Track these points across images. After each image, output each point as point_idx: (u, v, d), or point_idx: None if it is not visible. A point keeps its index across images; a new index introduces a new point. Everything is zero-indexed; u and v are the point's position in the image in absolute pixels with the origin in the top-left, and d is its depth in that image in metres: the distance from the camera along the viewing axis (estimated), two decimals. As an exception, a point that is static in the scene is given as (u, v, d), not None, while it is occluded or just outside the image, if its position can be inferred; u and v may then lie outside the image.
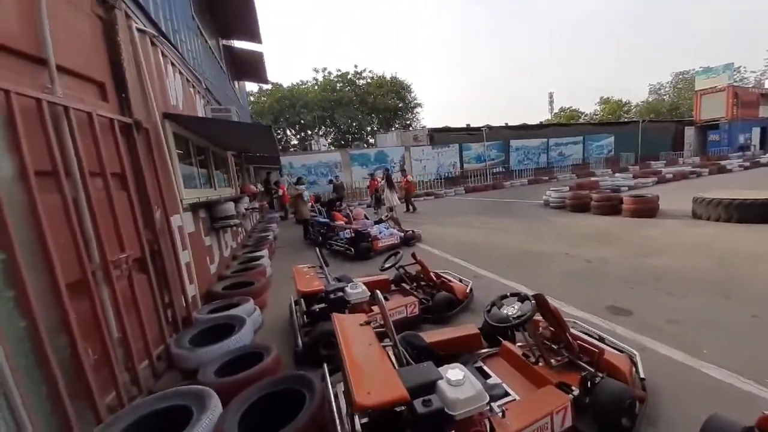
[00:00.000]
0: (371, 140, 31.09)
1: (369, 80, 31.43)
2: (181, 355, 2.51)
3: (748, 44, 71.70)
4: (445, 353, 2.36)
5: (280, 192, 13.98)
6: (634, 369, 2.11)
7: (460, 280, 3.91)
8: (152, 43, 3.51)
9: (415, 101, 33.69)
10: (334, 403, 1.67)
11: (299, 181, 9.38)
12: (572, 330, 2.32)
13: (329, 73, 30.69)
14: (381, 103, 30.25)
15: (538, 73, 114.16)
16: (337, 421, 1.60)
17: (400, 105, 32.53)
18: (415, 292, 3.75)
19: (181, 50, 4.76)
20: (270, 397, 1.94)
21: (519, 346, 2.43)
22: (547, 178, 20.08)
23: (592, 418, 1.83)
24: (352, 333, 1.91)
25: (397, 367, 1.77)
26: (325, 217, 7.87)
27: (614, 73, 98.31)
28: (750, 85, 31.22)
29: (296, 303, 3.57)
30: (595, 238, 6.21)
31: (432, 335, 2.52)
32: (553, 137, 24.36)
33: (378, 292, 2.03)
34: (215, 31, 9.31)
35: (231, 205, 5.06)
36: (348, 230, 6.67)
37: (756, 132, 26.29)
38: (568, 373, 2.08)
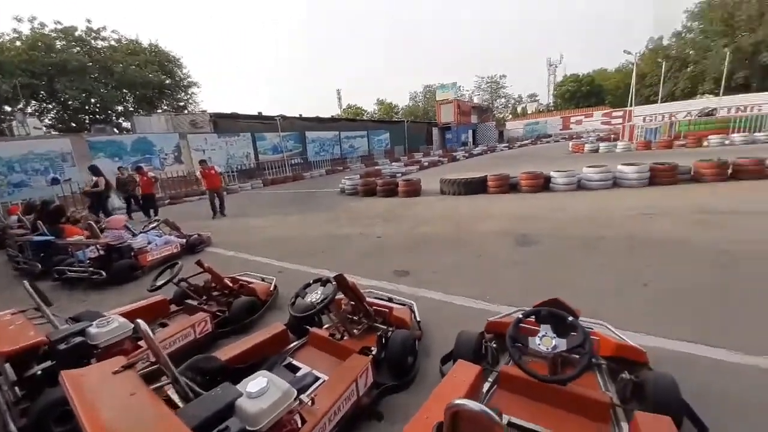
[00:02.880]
0: (125, 123, 24.37)
1: (114, 43, 24.13)
2: None
3: (466, 68, 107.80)
4: (250, 363, 2.19)
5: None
6: (413, 316, 2.68)
7: (263, 279, 3.73)
8: None
9: (189, 79, 28.98)
10: None
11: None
12: (368, 298, 2.69)
13: (42, 25, 21.23)
14: (137, 76, 23.94)
15: (327, 69, 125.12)
16: None
17: (167, 81, 26.98)
18: (206, 306, 3.25)
19: None
20: None
21: (326, 328, 2.58)
22: (342, 168, 22.45)
23: (388, 367, 2.20)
24: (99, 390, 1.42)
25: (181, 406, 1.47)
26: (46, 233, 5.50)
27: (387, 77, 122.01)
28: (466, 99, 46.57)
29: (-3, 373, 2.31)
30: (382, 217, 7.50)
31: (231, 349, 2.27)
32: (344, 131, 27.43)
33: (140, 321, 1.60)
34: None
35: None
36: (92, 247, 4.96)
37: (470, 133, 39.73)
38: (368, 337, 2.40)
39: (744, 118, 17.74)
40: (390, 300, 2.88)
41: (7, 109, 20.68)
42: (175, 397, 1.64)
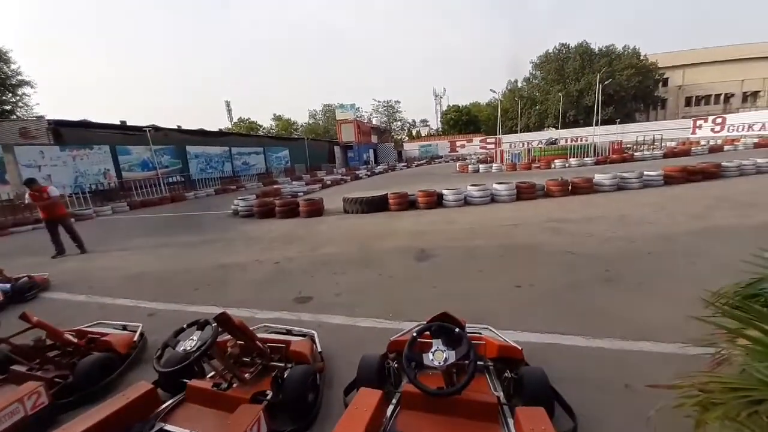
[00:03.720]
0: None
1: None
2: None
3: (362, 92, 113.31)
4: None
5: None
6: (314, 346, 2.55)
7: (125, 328, 3.08)
8: None
9: (20, 77, 23.11)
10: None
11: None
12: (261, 334, 2.45)
13: None
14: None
15: (213, 80, 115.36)
16: None
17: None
18: (39, 373, 2.50)
19: None
20: None
21: (210, 378, 2.24)
22: (234, 187, 20.71)
23: (286, 410, 2.01)
24: None
25: None
26: None
27: (283, 93, 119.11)
28: (365, 121, 48.85)
29: None
30: (281, 240, 7.11)
31: (76, 425, 1.76)
32: (235, 146, 25.47)
33: None
34: None
35: None
36: None
37: (372, 152, 41.69)
38: (264, 379, 2.17)
39: (577, 146, 23.11)
40: (288, 332, 2.69)
41: None
42: None
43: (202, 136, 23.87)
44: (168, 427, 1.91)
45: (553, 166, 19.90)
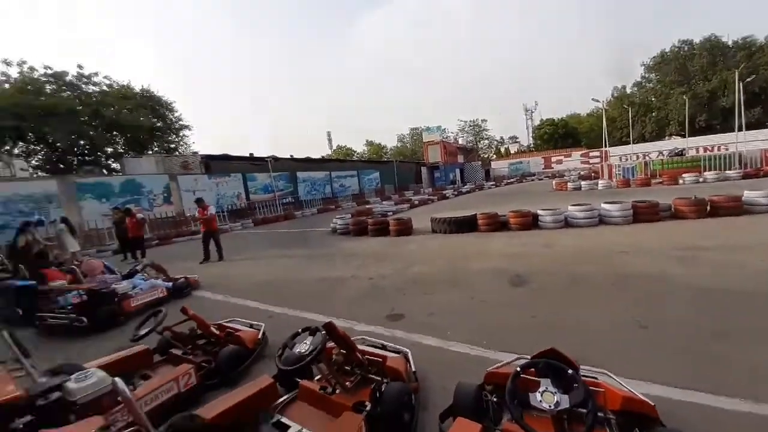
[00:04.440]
0: (115, 165, 24.41)
1: (105, 88, 24.75)
2: None
3: (449, 112, 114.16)
4: (236, 421, 2.04)
5: None
6: (408, 365, 2.58)
7: (251, 326, 3.58)
8: None
9: (181, 122, 29.58)
10: None
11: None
12: (360, 346, 2.59)
13: (31, 69, 21.80)
14: (127, 119, 24.24)
15: (316, 112, 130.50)
16: None
17: (158, 124, 27.46)
18: (191, 357, 3.08)
19: None
20: None
21: (317, 380, 2.45)
22: (333, 206, 22.60)
23: (383, 425, 2.06)
24: None
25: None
26: (25, 278, 5.26)
27: (375, 118, 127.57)
28: (451, 141, 48.74)
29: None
30: (374, 257, 7.45)
31: (215, 406, 2.11)
32: (334, 171, 28.03)
33: (116, 380, 1.51)
34: None
35: None
36: (75, 292, 4.74)
37: (458, 172, 41.18)
38: (361, 390, 2.28)
39: (714, 156, 18.89)
40: (384, 347, 2.78)
41: (-5, 149, 20.59)
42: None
43: (308, 162, 27.01)
44: (284, 419, 2.14)
45: (681, 181, 16.61)
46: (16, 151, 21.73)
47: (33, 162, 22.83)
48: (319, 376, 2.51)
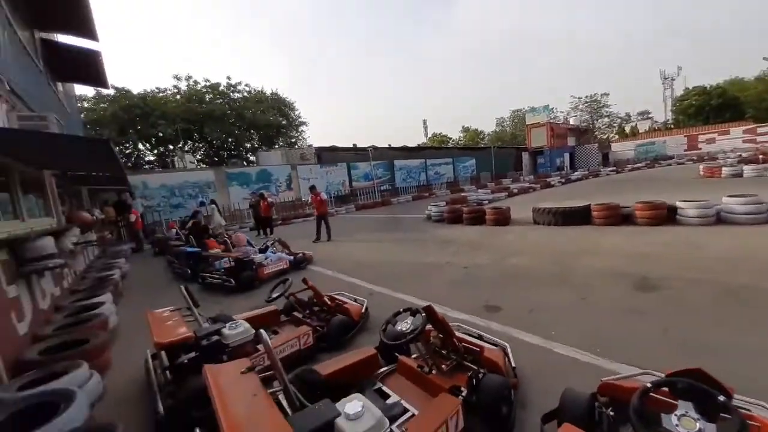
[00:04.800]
0: (252, 158, 29.10)
1: (246, 94, 29.57)
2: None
3: (561, 89, 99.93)
4: (344, 382, 2.29)
5: (132, 218, 11.53)
6: (507, 360, 2.46)
7: (355, 300, 3.92)
8: None
9: (300, 119, 33.42)
10: None
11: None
12: (457, 333, 2.58)
13: (195, 82, 27.47)
14: (261, 119, 28.72)
15: (414, 102, 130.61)
16: None
17: (283, 122, 31.63)
18: (308, 320, 3.55)
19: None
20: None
21: (414, 358, 2.55)
22: (427, 194, 22.64)
23: (479, 414, 2.04)
24: (230, 386, 1.65)
25: (290, 414, 1.61)
26: (193, 246, 6.81)
27: (471, 105, 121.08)
28: (560, 122, 42.99)
29: (154, 357, 2.90)
30: (469, 245, 7.24)
31: (329, 365, 2.41)
32: (429, 158, 27.88)
33: (262, 331, 1.84)
34: (30, 21, 7.19)
35: (49, 240, 3.84)
36: (226, 259, 5.93)
37: (566, 156, 36.16)
38: (457, 375, 2.29)
39: None
40: (480, 338, 2.71)
41: (171, 147, 26.87)
42: (284, 403, 1.81)
43: (405, 151, 27.50)
44: (384, 388, 2.31)
45: None
46: (186, 148, 27.88)
47: (197, 156, 28.94)
48: (416, 355, 2.61)
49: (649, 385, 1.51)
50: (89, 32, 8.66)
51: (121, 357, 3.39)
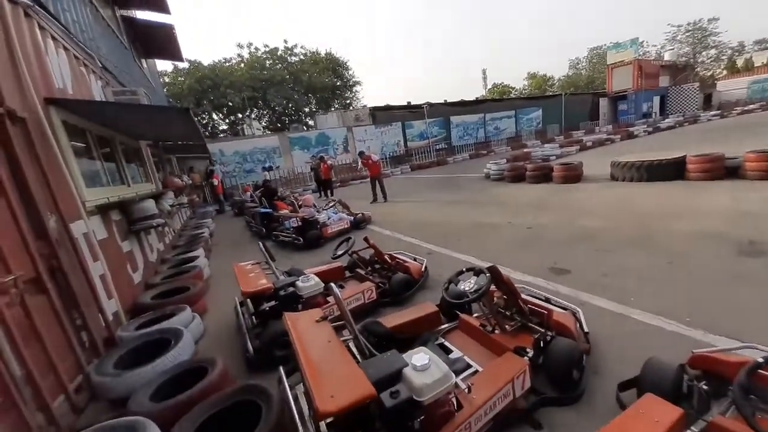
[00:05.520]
0: (310, 122, 29.81)
1: (302, 57, 29.56)
2: (105, 382, 2.17)
3: (650, 17, 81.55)
4: (407, 335, 2.38)
5: (214, 182, 12.85)
6: (578, 324, 2.31)
7: (415, 259, 3.96)
8: (26, 15, 2.85)
9: (354, 79, 32.74)
10: (294, 408, 1.56)
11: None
12: (523, 295, 2.47)
13: (256, 48, 28.17)
14: (317, 82, 28.75)
15: (472, 50, 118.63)
16: (300, 426, 1.50)
17: (338, 83, 31.31)
18: (370, 277, 3.71)
19: (65, 20, 3.90)
20: (220, 415, 1.76)
21: (476, 317, 2.54)
22: (486, 151, 21.27)
23: (547, 375, 1.98)
24: (307, 332, 1.80)
25: (360, 361, 1.72)
26: (266, 207, 7.40)
27: (538, 48, 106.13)
28: (652, 58, 35.88)
29: (242, 304, 3.31)
30: (532, 205, 6.74)
31: (392, 319, 2.51)
32: (488, 112, 25.72)
33: (333, 285, 1.94)
34: None
35: (151, 202, 4.46)
36: (294, 219, 6.35)
37: (656, 100, 30.48)
38: (522, 336, 2.22)
39: None
40: (547, 301, 2.57)
41: (240, 116, 28.59)
42: (354, 351, 1.94)
43: (462, 106, 25.61)
44: (446, 343, 2.35)
45: None
46: (252, 115, 29.48)
47: (263, 123, 30.53)
48: (477, 314, 2.59)
49: (761, 360, 1.29)
50: (161, 6, 9.23)
51: (214, 303, 3.93)
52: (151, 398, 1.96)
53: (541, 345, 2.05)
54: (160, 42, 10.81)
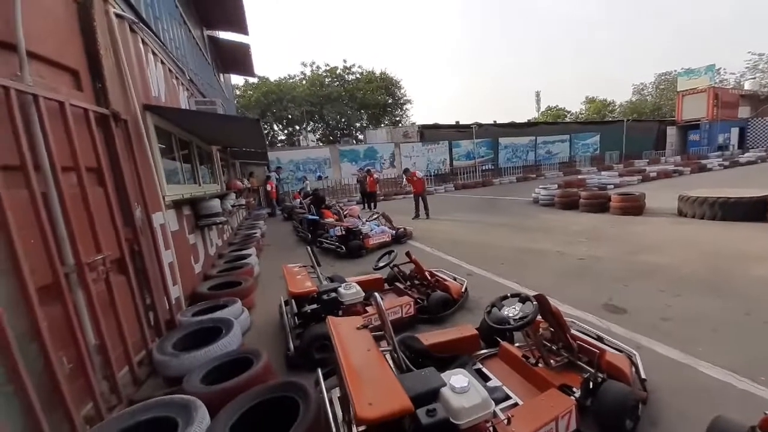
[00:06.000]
0: (360, 136, 30.86)
1: (358, 75, 31.05)
2: (164, 361, 2.38)
3: (728, 46, 73.96)
4: (443, 355, 2.32)
5: (269, 188, 13.74)
6: (634, 369, 2.10)
7: (455, 279, 3.87)
8: (132, 30, 3.33)
9: (405, 97, 33.51)
10: (330, 411, 1.59)
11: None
12: (571, 330, 2.31)
13: (318, 67, 30.19)
14: (370, 99, 29.95)
15: (525, 72, 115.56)
16: (334, 429, 1.53)
17: (389, 101, 32.27)
18: (409, 292, 3.68)
19: (163, 39, 4.54)
20: (261, 407, 1.84)
21: (518, 347, 2.40)
22: (534, 175, 20.38)
23: (596, 420, 1.81)
24: (349, 338, 1.83)
25: (397, 374, 1.71)
26: (313, 214, 7.73)
27: (598, 72, 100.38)
28: (730, 87, 32.29)
29: (287, 304, 3.46)
30: (585, 235, 6.28)
31: (429, 337, 2.47)
32: (540, 135, 24.72)
33: (377, 294, 1.96)
34: (199, 21, 9.02)
35: (216, 201, 4.89)
36: (339, 228, 6.56)
37: (735, 132, 27.25)
38: (568, 374, 2.06)
39: None
40: (599, 339, 2.37)
41: (297, 128, 30.50)
42: (391, 363, 1.93)
43: (512, 127, 24.94)
44: (484, 369, 2.25)
45: None
46: (308, 128, 31.29)
47: (317, 135, 32.25)
48: (519, 344, 2.45)
49: None
50: (242, 27, 10.33)
51: (261, 300, 4.16)
52: (203, 380, 2.11)
53: (590, 386, 1.88)
54: (236, 59, 12.06)
